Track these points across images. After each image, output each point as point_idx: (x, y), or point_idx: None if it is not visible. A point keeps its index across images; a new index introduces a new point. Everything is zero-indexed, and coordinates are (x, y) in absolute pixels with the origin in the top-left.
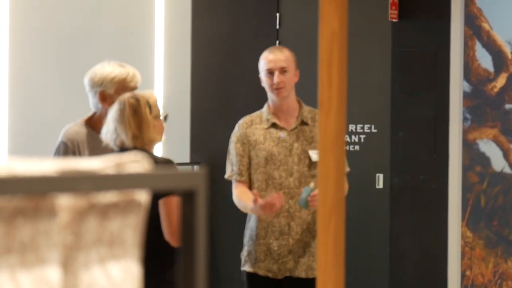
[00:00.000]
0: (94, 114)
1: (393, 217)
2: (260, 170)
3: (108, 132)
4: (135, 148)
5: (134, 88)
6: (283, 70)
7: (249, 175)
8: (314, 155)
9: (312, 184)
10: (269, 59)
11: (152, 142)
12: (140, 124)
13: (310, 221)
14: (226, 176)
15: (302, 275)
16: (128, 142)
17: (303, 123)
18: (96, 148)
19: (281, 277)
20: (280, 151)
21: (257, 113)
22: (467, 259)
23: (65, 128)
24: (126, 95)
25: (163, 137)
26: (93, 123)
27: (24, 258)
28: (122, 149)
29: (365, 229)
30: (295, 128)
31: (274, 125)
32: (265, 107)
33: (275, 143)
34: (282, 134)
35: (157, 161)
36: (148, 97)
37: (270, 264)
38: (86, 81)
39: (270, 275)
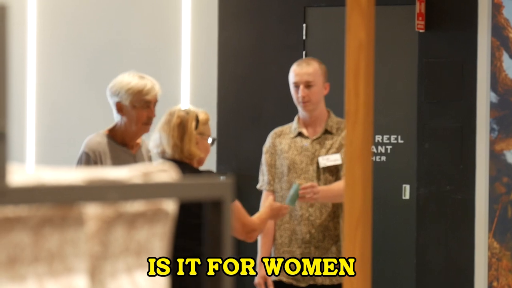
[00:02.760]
0: (116, 124)
1: (419, 227)
2: (284, 178)
3: (153, 140)
4: (174, 158)
5: (150, 101)
6: (308, 84)
7: None
8: (323, 161)
9: (297, 181)
10: (295, 72)
11: (192, 156)
12: (182, 135)
13: (331, 227)
14: (258, 186)
15: (326, 281)
16: (169, 151)
17: (327, 132)
18: (118, 158)
19: (305, 285)
20: (302, 159)
21: (289, 124)
22: (494, 270)
23: (87, 139)
24: (178, 107)
25: (206, 157)
26: (115, 134)
27: (51, 267)
28: (164, 159)
29: (391, 239)
30: (319, 137)
31: (300, 134)
32: (296, 118)
33: (298, 151)
34: (306, 143)
35: (198, 173)
36: (199, 113)
37: None
38: (107, 91)
39: (294, 282)
